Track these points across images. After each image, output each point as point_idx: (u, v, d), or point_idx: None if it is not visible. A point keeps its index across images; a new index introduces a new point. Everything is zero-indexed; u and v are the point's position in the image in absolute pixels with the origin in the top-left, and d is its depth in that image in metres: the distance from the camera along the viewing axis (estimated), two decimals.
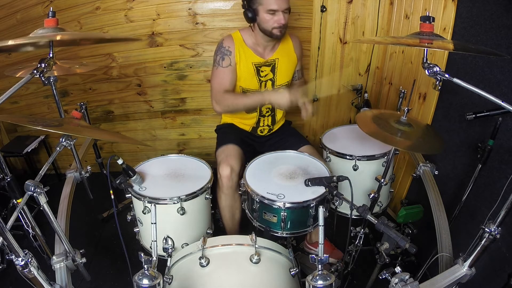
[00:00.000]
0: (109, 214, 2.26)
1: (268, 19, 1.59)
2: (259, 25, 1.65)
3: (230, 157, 1.64)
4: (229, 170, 1.58)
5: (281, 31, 1.63)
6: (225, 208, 1.69)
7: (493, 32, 1.37)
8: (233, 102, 1.70)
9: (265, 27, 1.62)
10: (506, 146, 1.31)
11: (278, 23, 1.59)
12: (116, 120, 2.64)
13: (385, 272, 1.02)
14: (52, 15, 1.15)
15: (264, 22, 1.61)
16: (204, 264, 1.15)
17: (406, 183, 2.13)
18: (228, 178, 1.58)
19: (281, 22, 1.59)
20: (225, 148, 1.72)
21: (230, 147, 1.71)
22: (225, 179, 1.58)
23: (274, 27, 1.60)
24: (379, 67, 2.40)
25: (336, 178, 1.32)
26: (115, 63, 2.39)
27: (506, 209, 0.94)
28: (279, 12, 1.57)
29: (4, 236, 0.90)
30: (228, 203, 1.67)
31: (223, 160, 1.63)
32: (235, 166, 1.60)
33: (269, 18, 1.59)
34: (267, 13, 1.58)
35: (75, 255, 1.25)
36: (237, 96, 1.72)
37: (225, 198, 1.65)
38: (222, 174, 1.59)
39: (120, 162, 1.34)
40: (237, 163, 1.62)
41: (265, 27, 1.62)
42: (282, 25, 1.61)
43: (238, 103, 1.69)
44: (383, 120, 1.32)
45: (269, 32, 1.63)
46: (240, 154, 1.70)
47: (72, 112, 1.23)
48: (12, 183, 1.25)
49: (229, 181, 1.59)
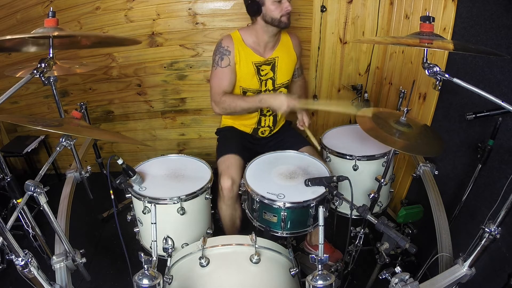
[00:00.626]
0: (109, 214, 2.26)
1: (275, 8, 1.61)
2: (265, 17, 1.64)
3: (231, 168, 1.64)
4: (230, 182, 1.58)
5: (288, 18, 1.65)
6: (226, 217, 1.70)
7: (493, 32, 1.37)
8: (230, 105, 1.70)
9: (273, 16, 1.63)
10: (506, 146, 1.31)
11: (286, 10, 1.61)
12: (116, 120, 2.64)
13: (385, 272, 1.02)
14: (52, 15, 1.15)
15: (271, 11, 1.62)
16: (204, 264, 1.15)
17: (406, 183, 2.13)
18: (229, 189, 1.58)
19: (289, 8, 1.61)
20: (225, 159, 1.71)
21: (231, 158, 1.71)
22: (226, 190, 1.59)
23: (282, 14, 1.62)
24: (379, 67, 2.40)
25: (336, 178, 1.32)
26: (115, 63, 2.40)
27: (506, 209, 0.94)
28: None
29: (4, 236, 0.90)
30: (229, 213, 1.68)
31: (224, 171, 1.63)
32: (236, 177, 1.60)
33: (276, 6, 1.60)
34: (273, 3, 1.60)
35: (75, 255, 1.25)
36: (235, 99, 1.71)
37: (226, 208, 1.66)
38: (223, 186, 1.59)
39: (120, 162, 1.34)
40: (238, 174, 1.63)
41: (273, 16, 1.63)
42: (290, 12, 1.63)
43: (236, 105, 1.69)
44: (382, 119, 1.32)
45: (278, 21, 1.64)
46: (241, 164, 1.69)
47: (72, 112, 1.23)
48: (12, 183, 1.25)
49: (230, 193, 1.59)
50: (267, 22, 1.66)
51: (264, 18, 1.65)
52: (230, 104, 1.70)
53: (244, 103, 1.68)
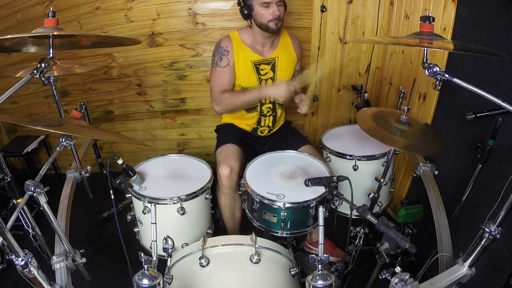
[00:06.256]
0: (109, 214, 2.26)
1: (263, 12, 1.61)
2: (255, 20, 1.66)
3: (230, 157, 1.64)
4: (229, 170, 1.58)
5: (277, 24, 1.64)
6: (225, 208, 1.69)
7: (493, 32, 1.37)
8: (231, 101, 1.71)
9: (261, 21, 1.64)
10: (506, 146, 1.31)
11: (273, 15, 1.61)
12: (116, 120, 2.64)
13: (385, 272, 1.02)
14: (52, 15, 1.15)
15: (259, 16, 1.63)
16: (204, 264, 1.15)
17: (406, 183, 2.13)
18: (228, 178, 1.58)
19: (276, 14, 1.61)
20: (224, 148, 1.72)
21: (230, 147, 1.71)
22: (225, 179, 1.58)
23: (269, 19, 1.62)
24: (379, 67, 2.40)
25: (336, 178, 1.32)
26: (115, 63, 2.40)
27: (506, 209, 0.94)
28: (273, 4, 1.60)
29: (4, 236, 0.90)
30: (228, 203, 1.67)
31: (223, 160, 1.64)
32: (234, 166, 1.60)
33: (264, 11, 1.61)
34: (261, 6, 1.61)
35: (75, 255, 1.25)
36: (235, 94, 1.72)
37: (225, 198, 1.65)
38: (221, 174, 1.59)
39: (120, 162, 1.34)
40: (237, 163, 1.63)
41: (261, 21, 1.64)
42: (277, 17, 1.62)
43: (236, 100, 1.70)
44: (382, 118, 1.32)
45: (265, 26, 1.65)
46: (239, 153, 1.70)
47: (72, 112, 1.22)
48: (12, 183, 1.25)
49: (229, 181, 1.59)
50: (258, 26, 1.67)
51: (255, 22, 1.67)
52: (230, 101, 1.71)
53: (244, 96, 1.69)
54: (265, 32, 1.68)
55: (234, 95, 1.71)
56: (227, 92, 1.72)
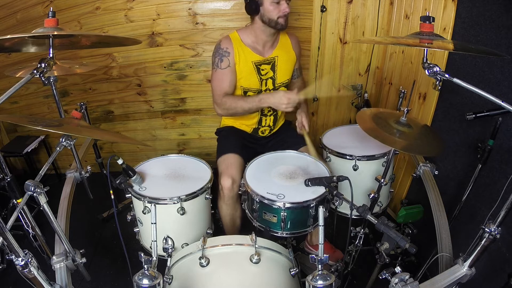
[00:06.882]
0: (109, 214, 2.26)
1: (273, 9, 1.61)
2: (263, 17, 1.65)
3: (231, 167, 1.64)
4: (231, 181, 1.58)
5: (286, 20, 1.66)
6: (226, 217, 1.70)
7: (493, 32, 1.37)
8: (232, 106, 1.71)
9: (270, 17, 1.64)
10: (506, 146, 1.31)
11: (283, 12, 1.62)
12: (116, 120, 2.64)
13: (385, 272, 1.02)
14: (52, 15, 1.15)
15: (269, 12, 1.63)
16: (204, 264, 1.15)
17: (406, 183, 2.13)
18: (230, 189, 1.58)
19: (286, 10, 1.62)
20: (225, 158, 1.71)
21: (231, 157, 1.71)
22: (227, 190, 1.58)
23: (279, 16, 1.63)
24: (379, 67, 2.40)
25: (336, 178, 1.31)
26: (115, 63, 2.40)
27: (506, 209, 0.94)
28: (283, 1, 1.61)
29: (4, 236, 0.90)
30: (229, 212, 1.68)
31: (224, 171, 1.63)
32: (236, 176, 1.60)
33: (274, 7, 1.61)
34: (271, 3, 1.61)
35: (75, 255, 1.25)
36: (236, 100, 1.72)
37: (227, 208, 1.66)
38: (223, 186, 1.59)
39: (120, 162, 1.34)
40: (238, 173, 1.62)
41: (270, 17, 1.64)
42: (287, 14, 1.64)
43: (236, 106, 1.70)
44: (382, 119, 1.32)
45: (274, 22, 1.65)
46: (241, 163, 1.69)
47: (72, 112, 1.22)
48: (12, 183, 1.25)
49: (231, 192, 1.59)
50: (264, 22, 1.67)
51: (262, 18, 1.66)
52: (231, 105, 1.71)
53: (244, 103, 1.69)
54: (272, 28, 1.68)
55: (235, 101, 1.71)
56: (228, 96, 1.73)
